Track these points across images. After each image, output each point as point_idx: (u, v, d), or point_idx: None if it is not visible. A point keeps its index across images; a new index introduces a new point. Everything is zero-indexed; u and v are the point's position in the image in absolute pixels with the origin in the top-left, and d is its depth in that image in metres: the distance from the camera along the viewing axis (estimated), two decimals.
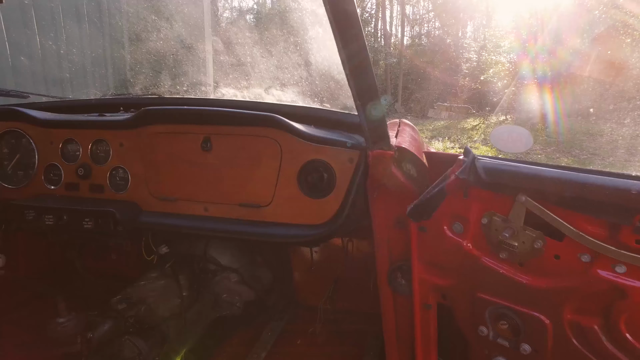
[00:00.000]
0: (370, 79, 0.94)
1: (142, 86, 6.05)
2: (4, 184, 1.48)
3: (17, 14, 5.22)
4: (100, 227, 1.32)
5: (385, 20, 21.12)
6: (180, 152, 1.30)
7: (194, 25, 6.78)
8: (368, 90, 0.97)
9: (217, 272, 1.91)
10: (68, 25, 5.91)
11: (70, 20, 5.93)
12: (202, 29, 6.88)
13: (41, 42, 5.55)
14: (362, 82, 0.96)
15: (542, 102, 9.28)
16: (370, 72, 0.94)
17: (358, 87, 0.98)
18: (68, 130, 1.44)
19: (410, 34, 21.82)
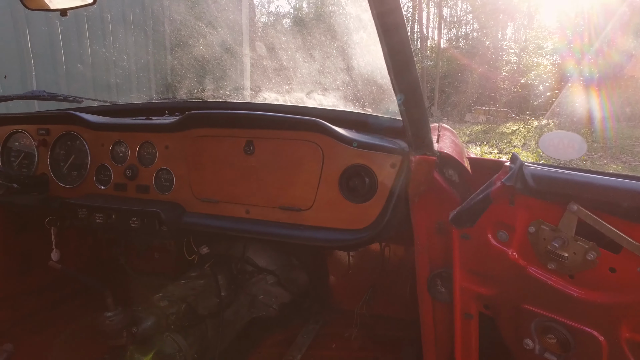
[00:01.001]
0: (414, 84, 0.94)
1: (185, 90, 6.26)
2: (60, 183, 1.57)
3: (72, 24, 5.53)
4: (146, 227, 1.37)
5: (422, 22, 20.84)
6: (223, 155, 1.33)
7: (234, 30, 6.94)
8: (412, 95, 0.96)
9: (255, 274, 1.94)
10: (117, 33, 6.21)
11: (118, 29, 6.23)
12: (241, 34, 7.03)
13: (92, 49, 5.85)
14: (407, 87, 0.95)
15: (588, 105, 8.84)
16: (415, 78, 0.93)
17: (402, 93, 0.97)
18: (118, 133, 1.50)
19: (448, 37, 21.44)
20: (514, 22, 19.61)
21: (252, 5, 8.88)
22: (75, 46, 5.63)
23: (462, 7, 21.70)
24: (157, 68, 6.99)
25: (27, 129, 1.65)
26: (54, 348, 1.90)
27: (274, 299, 1.98)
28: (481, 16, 19.25)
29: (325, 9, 7.04)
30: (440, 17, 20.61)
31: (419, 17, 20.49)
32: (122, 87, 6.36)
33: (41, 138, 1.62)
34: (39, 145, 1.62)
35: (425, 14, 21.44)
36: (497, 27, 19.33)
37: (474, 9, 20.16)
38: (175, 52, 6.99)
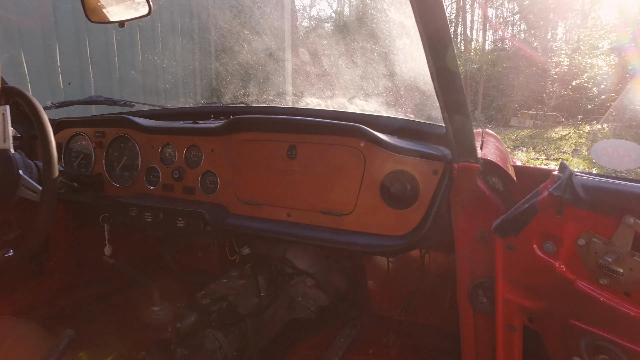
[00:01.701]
0: (459, 90, 0.93)
1: (229, 95, 6.44)
2: (114, 182, 1.67)
3: (126, 33, 5.85)
4: (191, 227, 1.42)
5: (466, 24, 20.31)
6: (267, 159, 1.37)
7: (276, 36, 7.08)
8: (456, 102, 0.95)
9: (294, 276, 1.97)
10: (166, 41, 6.50)
11: (168, 36, 6.52)
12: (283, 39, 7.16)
13: (143, 56, 6.16)
14: (451, 93, 0.94)
15: None
16: (459, 84, 0.92)
17: (446, 99, 0.96)
18: (166, 136, 1.58)
19: (492, 38, 20.77)
20: (566, 22, 18.68)
21: (294, 10, 9.02)
22: (128, 54, 5.96)
23: (508, 7, 20.96)
24: (202, 73, 7.26)
25: (85, 132, 1.77)
26: (107, 336, 2.02)
27: (312, 301, 1.99)
28: (529, 16, 18.49)
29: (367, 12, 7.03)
30: (485, 18, 20.02)
31: (462, 19, 20.00)
32: (169, 92, 6.65)
33: (98, 140, 1.72)
34: (96, 147, 1.73)
35: (469, 15, 20.90)
36: (547, 27, 18.49)
37: (521, 9, 19.41)
38: (220, 58, 7.22)
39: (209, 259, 2.20)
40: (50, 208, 1.23)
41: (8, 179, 1.28)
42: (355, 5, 8.86)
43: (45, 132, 1.25)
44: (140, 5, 1.46)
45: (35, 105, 1.27)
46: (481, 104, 16.64)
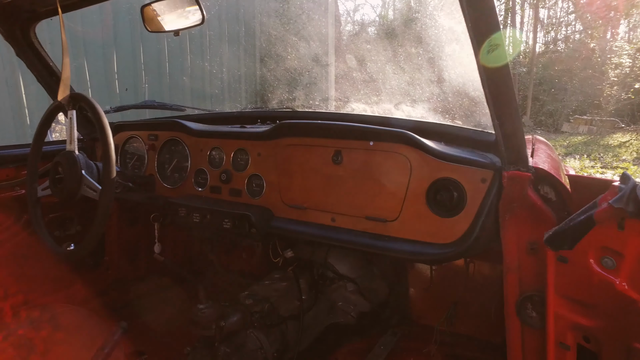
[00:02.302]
0: (510, 96, 0.90)
1: (274, 100, 6.57)
2: (164, 183, 1.74)
3: (177, 40, 6.13)
4: (237, 228, 1.46)
5: (515, 26, 19.55)
6: (312, 164, 1.38)
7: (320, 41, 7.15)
8: (507, 108, 0.92)
9: (335, 280, 1.97)
10: (214, 47, 6.74)
11: (215, 43, 6.76)
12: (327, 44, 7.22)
13: (192, 63, 6.42)
14: (502, 99, 0.91)
15: None
16: (511, 90, 0.89)
17: (497, 105, 0.94)
18: (215, 140, 1.63)
19: (544, 40, 19.84)
20: (629, 20, 17.47)
21: (338, 15, 9.06)
22: (178, 60, 6.23)
23: (562, 6, 19.97)
24: (247, 79, 7.45)
25: (140, 135, 1.86)
26: (155, 330, 2.11)
27: (352, 306, 1.99)
28: (586, 16, 17.53)
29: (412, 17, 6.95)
30: (536, 19, 19.15)
31: (511, 20, 19.27)
32: (216, 96, 6.88)
33: (151, 143, 1.81)
34: (149, 149, 1.81)
35: (519, 17, 20.11)
36: (606, 26, 17.41)
37: (577, 8, 18.43)
38: (264, 63, 7.38)
39: (253, 260, 2.25)
40: (108, 206, 1.30)
41: (73, 179, 1.38)
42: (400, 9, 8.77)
43: (105, 136, 1.33)
44: (194, 15, 1.53)
45: (98, 111, 1.36)
46: (530, 109, 15.92)
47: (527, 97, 15.99)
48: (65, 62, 1.48)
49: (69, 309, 1.49)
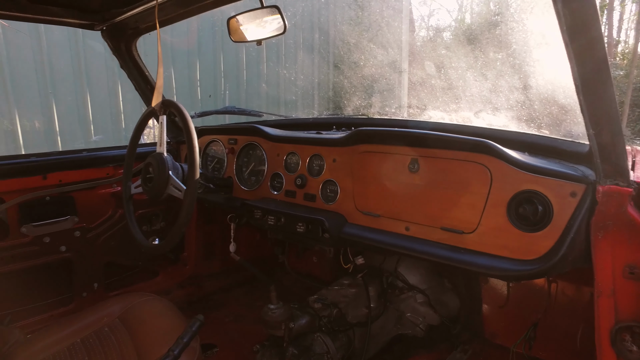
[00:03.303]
0: (610, 103, 0.83)
1: (349, 106, 6.62)
2: (242, 186, 1.82)
3: (254, 49, 6.43)
4: (310, 232, 1.48)
5: (612, 24, 17.81)
6: (388, 171, 1.37)
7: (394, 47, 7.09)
8: (606, 116, 0.85)
9: (404, 290, 1.93)
10: (289, 54, 6.97)
11: (290, 50, 6.98)
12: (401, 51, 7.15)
13: (268, 70, 6.69)
14: (600, 107, 0.84)
15: None
16: (611, 96, 0.82)
17: (593, 113, 0.86)
18: (291, 145, 1.67)
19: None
20: None
21: (412, 21, 8.92)
22: (255, 68, 6.52)
23: None
24: (321, 85, 7.59)
25: (221, 139, 1.97)
26: (226, 325, 2.21)
27: (421, 318, 1.93)
28: None
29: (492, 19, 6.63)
30: (639, 15, 17.32)
31: (608, 18, 17.57)
32: (291, 103, 7.09)
33: (230, 147, 1.91)
34: (229, 153, 1.91)
35: (617, 13, 18.31)
36: None
37: None
38: (338, 70, 7.47)
39: (323, 265, 2.27)
40: (191, 206, 1.39)
41: (161, 178, 1.49)
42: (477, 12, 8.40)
43: (191, 139, 1.42)
44: (276, 25, 1.59)
45: (186, 116, 1.45)
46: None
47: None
48: (160, 72, 1.61)
49: (152, 297, 1.60)
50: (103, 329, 1.43)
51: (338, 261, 1.76)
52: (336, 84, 7.43)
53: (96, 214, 2.07)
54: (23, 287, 1.91)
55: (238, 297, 2.49)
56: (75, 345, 1.37)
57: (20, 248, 1.84)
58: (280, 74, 6.77)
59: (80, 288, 2.04)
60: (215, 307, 2.39)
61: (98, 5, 1.74)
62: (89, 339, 1.39)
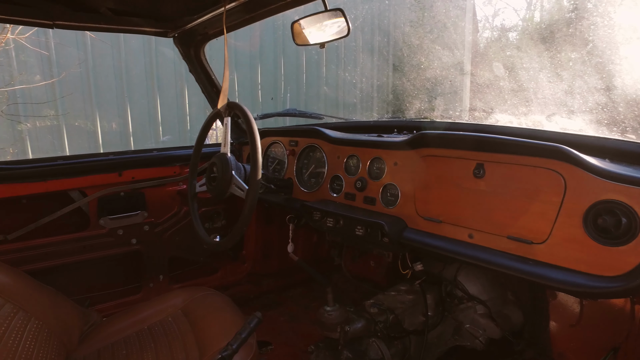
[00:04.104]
0: None
1: (410, 109, 6.52)
2: (301, 187, 1.85)
3: (313, 52, 6.53)
4: (369, 236, 1.47)
5: None
6: (451, 176, 1.32)
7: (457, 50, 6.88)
8: None
9: (464, 300, 1.85)
10: (348, 57, 6.99)
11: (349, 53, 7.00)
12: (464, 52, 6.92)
13: (327, 73, 6.75)
14: None
15: None
16: None
17: None
18: (352, 148, 1.67)
19: None
20: None
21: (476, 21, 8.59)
22: (314, 71, 6.61)
23: None
24: (380, 88, 7.54)
25: (282, 141, 2.01)
26: (281, 324, 2.25)
27: (481, 330, 1.84)
28: None
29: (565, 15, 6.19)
30: None
31: None
32: (350, 105, 7.11)
33: (291, 148, 1.94)
34: (289, 154, 1.94)
35: None
36: None
37: None
38: (398, 72, 7.37)
39: (379, 269, 2.25)
40: (253, 205, 1.42)
41: (225, 178, 1.55)
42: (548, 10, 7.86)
43: (254, 141, 1.46)
44: (340, 28, 1.59)
45: (249, 118, 1.50)
46: None
47: None
48: (226, 75, 1.68)
49: (212, 292, 1.67)
50: (167, 318, 1.51)
51: (395, 266, 1.73)
52: (396, 87, 7.33)
53: (163, 210, 2.20)
54: (99, 274, 2.07)
55: (294, 297, 2.53)
56: (143, 331, 1.47)
57: (98, 238, 2.00)
58: (340, 76, 6.81)
59: (147, 279, 2.17)
60: (271, 306, 2.44)
61: (171, 13, 1.85)
62: (155, 327, 1.48)
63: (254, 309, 2.36)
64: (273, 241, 2.53)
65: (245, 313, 1.55)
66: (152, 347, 1.37)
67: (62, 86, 4.81)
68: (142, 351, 1.36)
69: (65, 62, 4.79)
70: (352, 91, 7.04)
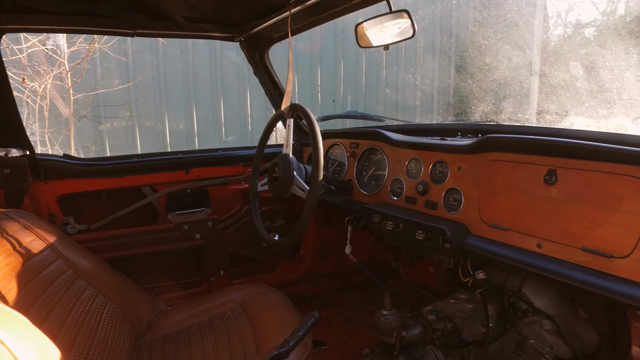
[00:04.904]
0: None
1: (473, 112, 6.30)
2: (361, 189, 1.85)
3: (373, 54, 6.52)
4: (429, 241, 1.43)
5: None
6: (519, 182, 1.26)
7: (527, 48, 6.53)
8: None
9: (529, 313, 1.75)
10: (408, 58, 6.88)
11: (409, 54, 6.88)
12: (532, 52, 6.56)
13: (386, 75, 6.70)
14: None
15: None
16: None
17: None
18: (414, 151, 1.64)
19: None
20: None
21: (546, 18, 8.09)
22: (374, 73, 6.58)
23: None
24: (441, 90, 7.35)
25: (342, 142, 2.02)
26: (336, 325, 2.26)
27: (547, 348, 1.73)
28: None
29: None
30: None
31: None
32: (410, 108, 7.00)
33: (352, 150, 1.94)
34: (350, 156, 1.95)
35: None
36: None
37: None
38: (462, 74, 7.14)
39: (438, 275, 2.19)
40: (314, 205, 1.44)
41: (286, 178, 1.58)
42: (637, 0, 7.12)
43: (317, 142, 1.47)
44: (405, 29, 1.58)
45: (312, 120, 1.52)
46: None
47: None
48: (290, 77, 1.72)
49: (270, 289, 1.71)
50: (227, 312, 1.58)
51: (455, 274, 1.67)
52: (458, 89, 7.09)
53: (226, 207, 2.29)
54: (166, 266, 2.21)
55: (349, 298, 2.53)
56: (204, 323, 1.54)
57: (166, 232, 2.13)
58: (400, 78, 6.72)
59: (209, 273, 2.27)
60: (326, 306, 2.46)
61: (238, 19, 1.94)
62: (215, 320, 1.55)
63: (310, 308, 2.39)
64: (330, 242, 2.54)
65: (300, 312, 1.58)
66: (212, 338, 1.44)
67: (136, 89, 5.20)
68: (202, 341, 1.43)
69: (140, 67, 5.18)
70: (412, 93, 6.91)
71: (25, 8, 1.54)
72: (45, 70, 4.43)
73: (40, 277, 1.21)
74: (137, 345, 1.44)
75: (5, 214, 1.30)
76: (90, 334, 1.23)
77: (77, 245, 1.48)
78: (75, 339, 1.16)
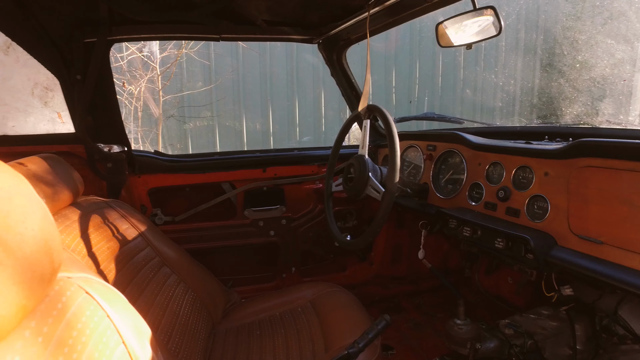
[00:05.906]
0: None
1: (566, 114, 5.82)
2: (437, 193, 1.79)
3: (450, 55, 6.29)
4: (510, 250, 1.35)
5: None
6: (618, 191, 1.13)
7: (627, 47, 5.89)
8: None
9: (627, 340, 1.58)
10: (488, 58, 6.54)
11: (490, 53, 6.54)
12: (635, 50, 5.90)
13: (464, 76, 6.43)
14: None
15: None
16: None
17: None
18: (495, 155, 1.55)
19: None
20: None
21: None
22: (451, 73, 6.35)
23: None
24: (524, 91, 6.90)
25: (419, 145, 1.98)
26: (404, 331, 2.22)
27: None
28: None
29: None
30: None
31: None
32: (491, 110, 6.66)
33: (428, 153, 1.89)
34: (426, 159, 1.90)
35: None
36: None
37: None
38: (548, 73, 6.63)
39: (518, 288, 2.06)
40: (389, 207, 1.42)
41: (362, 179, 1.58)
42: None
43: (394, 144, 1.45)
44: (489, 26, 1.50)
45: (389, 121, 1.50)
46: None
47: None
48: (367, 79, 1.72)
49: (340, 289, 1.72)
50: (297, 309, 1.62)
51: (538, 287, 1.56)
52: (545, 88, 6.57)
53: (300, 206, 2.35)
54: (241, 260, 2.31)
55: (419, 304, 2.47)
56: (275, 317, 1.59)
57: (242, 227, 2.23)
58: (480, 78, 6.41)
59: (281, 269, 2.34)
60: (395, 310, 2.42)
61: (317, 21, 1.97)
62: (285, 315, 1.59)
63: (378, 311, 2.37)
64: (403, 246, 2.50)
65: (370, 314, 1.57)
66: (282, 333, 1.48)
67: (217, 91, 5.53)
68: (273, 335, 1.48)
69: (221, 70, 5.51)
70: (492, 94, 6.56)
71: (130, 20, 1.71)
72: (140, 74, 4.90)
73: (133, 261, 1.33)
74: (212, 333, 1.53)
75: (107, 204, 1.45)
76: (173, 318, 1.33)
77: (164, 235, 1.61)
78: (160, 321, 1.26)
